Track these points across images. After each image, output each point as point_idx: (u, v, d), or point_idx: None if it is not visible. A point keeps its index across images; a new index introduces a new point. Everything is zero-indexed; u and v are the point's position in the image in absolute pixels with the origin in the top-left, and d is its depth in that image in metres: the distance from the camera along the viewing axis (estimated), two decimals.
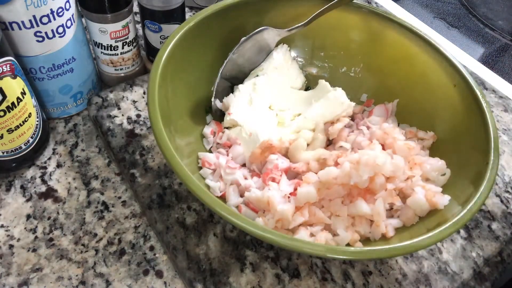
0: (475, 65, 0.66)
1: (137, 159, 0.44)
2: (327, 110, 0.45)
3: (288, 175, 0.40)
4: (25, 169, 0.44)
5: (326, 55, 0.52)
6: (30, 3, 0.36)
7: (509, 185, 0.48)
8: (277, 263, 0.38)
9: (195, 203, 0.41)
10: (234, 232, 0.40)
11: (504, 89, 0.62)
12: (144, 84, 0.51)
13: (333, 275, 0.38)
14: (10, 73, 0.36)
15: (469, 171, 0.37)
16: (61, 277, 0.37)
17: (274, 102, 0.48)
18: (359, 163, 0.35)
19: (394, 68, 0.48)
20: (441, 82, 0.44)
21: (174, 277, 0.38)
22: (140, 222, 0.41)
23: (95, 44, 0.48)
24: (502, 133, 0.54)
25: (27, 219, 0.41)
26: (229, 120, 0.44)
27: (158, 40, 0.51)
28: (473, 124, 0.40)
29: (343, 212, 0.37)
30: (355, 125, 0.47)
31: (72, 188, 0.43)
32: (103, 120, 0.47)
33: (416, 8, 0.96)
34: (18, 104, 0.38)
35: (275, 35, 0.48)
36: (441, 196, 0.36)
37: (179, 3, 0.48)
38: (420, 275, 0.39)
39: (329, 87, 0.47)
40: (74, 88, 0.47)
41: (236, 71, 0.47)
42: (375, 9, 0.47)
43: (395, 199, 0.37)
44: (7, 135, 0.39)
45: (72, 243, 0.39)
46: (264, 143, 0.41)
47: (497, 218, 0.45)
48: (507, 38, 0.89)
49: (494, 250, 0.42)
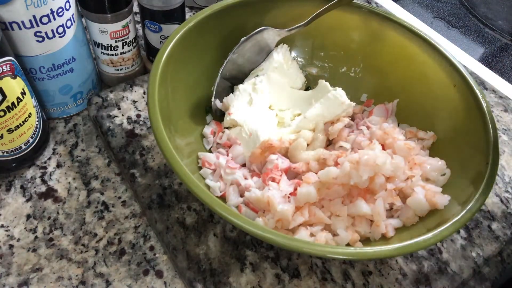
0: (475, 65, 0.66)
1: (137, 159, 0.44)
2: (327, 110, 0.45)
3: (288, 175, 0.41)
4: (25, 169, 0.44)
5: (326, 55, 0.52)
6: (30, 3, 0.36)
7: (509, 185, 0.48)
8: (277, 263, 0.38)
9: (195, 203, 0.41)
10: (234, 232, 0.40)
11: (504, 89, 0.62)
12: (144, 84, 0.51)
13: (333, 275, 0.38)
14: (10, 73, 0.36)
15: (469, 171, 0.37)
16: (61, 277, 0.37)
17: (274, 102, 0.48)
18: (359, 163, 0.35)
19: (394, 68, 0.48)
20: (441, 82, 0.44)
21: (174, 277, 0.38)
22: (140, 222, 0.41)
23: (95, 44, 0.48)
24: (502, 133, 0.54)
25: (27, 219, 0.41)
26: (229, 120, 0.44)
27: (158, 40, 0.51)
28: (473, 124, 0.40)
29: (343, 212, 0.37)
30: (355, 125, 0.47)
31: (72, 188, 0.43)
32: (103, 120, 0.47)
33: (416, 8, 0.96)
34: (18, 104, 0.38)
35: (275, 35, 0.48)
36: (441, 196, 0.36)
37: (179, 3, 0.48)
38: (420, 275, 0.39)
39: (329, 87, 0.47)
40: (74, 88, 0.47)
41: (236, 71, 0.47)
42: (375, 9, 0.47)
43: (395, 199, 0.37)
44: (7, 135, 0.39)
45: (72, 243, 0.39)
46: (264, 143, 0.41)
47: (497, 218, 0.45)
48: (507, 38, 0.89)
49: (494, 250, 0.42)
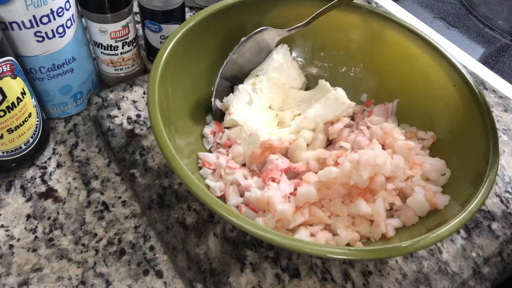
0: (475, 65, 0.66)
1: (137, 159, 0.44)
2: (327, 110, 0.45)
3: (288, 175, 0.40)
4: (25, 169, 0.44)
5: (326, 55, 0.52)
6: (30, 3, 0.36)
7: (509, 185, 0.48)
8: (277, 263, 0.38)
9: (195, 203, 0.41)
10: (234, 232, 0.40)
11: (504, 89, 0.62)
12: (144, 84, 0.51)
13: (333, 275, 0.38)
14: (10, 73, 0.36)
15: (469, 171, 0.37)
16: (61, 277, 0.37)
17: (274, 102, 0.48)
18: (359, 163, 0.35)
19: (394, 68, 0.48)
20: (441, 82, 0.44)
21: (174, 277, 0.38)
22: (140, 222, 0.41)
23: (95, 44, 0.48)
24: (502, 133, 0.54)
25: (27, 219, 0.41)
26: (229, 120, 0.44)
27: (158, 40, 0.51)
28: (473, 124, 0.40)
29: (343, 212, 0.37)
30: (355, 125, 0.47)
31: (72, 188, 0.43)
32: (103, 120, 0.47)
33: (416, 8, 0.96)
34: (18, 104, 0.38)
35: (275, 35, 0.48)
36: (441, 196, 0.36)
37: (179, 3, 0.48)
38: (420, 275, 0.39)
39: (329, 87, 0.47)
40: (74, 88, 0.47)
41: (236, 71, 0.47)
42: (375, 9, 0.47)
43: (395, 199, 0.37)
44: (7, 135, 0.39)
45: (72, 243, 0.39)
46: (264, 143, 0.41)
47: (497, 218, 0.45)
48: (507, 38, 0.89)
49: (494, 250, 0.42)
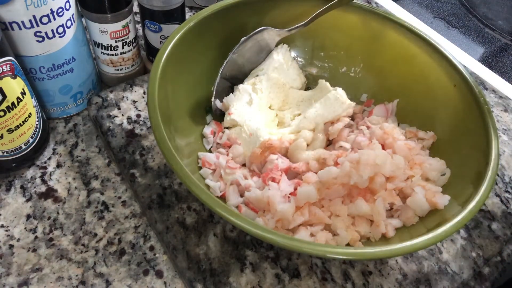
0: (475, 65, 0.66)
1: (137, 159, 0.44)
2: (327, 110, 0.45)
3: (288, 175, 0.40)
4: (25, 169, 0.44)
5: (326, 55, 0.52)
6: (30, 3, 0.36)
7: (509, 185, 0.48)
8: (277, 263, 0.38)
9: (195, 203, 0.41)
10: (234, 232, 0.40)
11: (504, 89, 0.62)
12: (144, 84, 0.51)
13: (333, 275, 0.38)
14: (10, 73, 0.36)
15: (469, 171, 0.37)
16: (61, 277, 0.37)
17: (274, 102, 0.48)
18: (359, 163, 0.35)
19: (394, 68, 0.48)
20: (441, 82, 0.44)
21: (174, 277, 0.38)
22: (140, 222, 0.41)
23: (95, 44, 0.48)
24: (502, 133, 0.54)
25: (27, 219, 0.41)
26: (229, 120, 0.44)
27: (158, 40, 0.51)
28: (473, 124, 0.39)
29: (343, 212, 0.37)
30: (355, 125, 0.47)
31: (72, 188, 0.43)
32: (103, 120, 0.47)
33: (416, 8, 0.96)
34: (18, 104, 0.38)
35: (275, 35, 0.48)
36: (441, 196, 0.36)
37: (179, 3, 0.48)
38: (420, 275, 0.39)
39: (329, 87, 0.47)
40: (74, 88, 0.47)
41: (236, 71, 0.47)
42: (375, 9, 0.47)
43: (395, 199, 0.37)
44: (7, 135, 0.39)
45: (72, 243, 0.39)
46: (264, 143, 0.41)
47: (497, 218, 0.45)
48: (507, 38, 0.89)
49: (494, 250, 0.42)
